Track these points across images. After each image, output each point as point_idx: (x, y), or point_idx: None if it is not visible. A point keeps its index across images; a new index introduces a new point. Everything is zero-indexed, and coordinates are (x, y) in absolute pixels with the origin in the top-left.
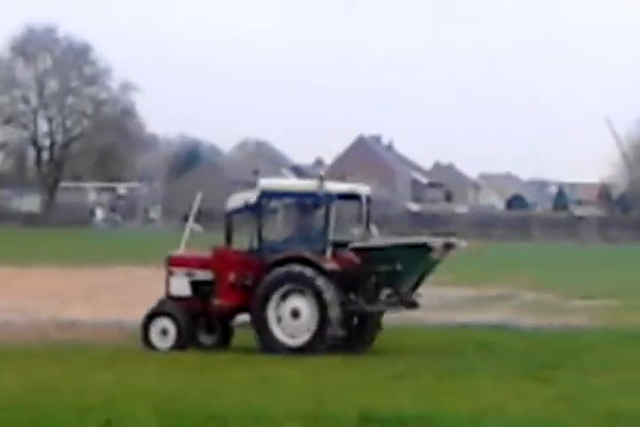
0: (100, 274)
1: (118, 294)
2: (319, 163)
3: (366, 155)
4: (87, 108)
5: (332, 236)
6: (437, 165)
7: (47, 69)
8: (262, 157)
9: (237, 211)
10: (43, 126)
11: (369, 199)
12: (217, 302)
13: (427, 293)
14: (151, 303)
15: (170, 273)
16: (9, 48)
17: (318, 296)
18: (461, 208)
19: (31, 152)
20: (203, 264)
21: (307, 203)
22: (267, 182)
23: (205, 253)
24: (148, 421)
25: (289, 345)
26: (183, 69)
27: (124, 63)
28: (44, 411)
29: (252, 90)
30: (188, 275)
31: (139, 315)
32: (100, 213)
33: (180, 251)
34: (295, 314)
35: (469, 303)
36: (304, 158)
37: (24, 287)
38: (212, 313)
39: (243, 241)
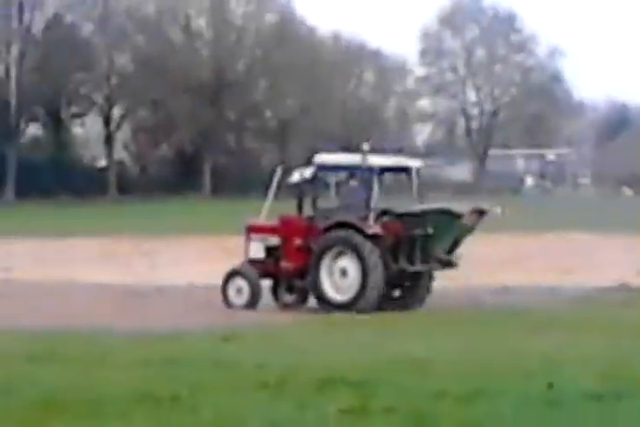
0: (530, 240)
1: (551, 260)
2: None
3: None
4: (515, 75)
5: (375, 204)
6: None
7: (474, 39)
8: None
9: (298, 183)
10: (471, 95)
11: (418, 171)
12: (284, 263)
13: None
14: (589, 268)
15: (248, 239)
16: (437, 20)
17: (361, 257)
18: None
19: (460, 121)
20: (273, 231)
21: (353, 175)
22: (320, 158)
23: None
24: (592, 384)
25: (337, 301)
26: (609, 32)
27: (549, 29)
28: (489, 375)
29: None
30: (263, 240)
31: (575, 280)
32: (529, 180)
33: (261, 219)
34: (344, 273)
35: None
36: None
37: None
38: (281, 274)
39: None
